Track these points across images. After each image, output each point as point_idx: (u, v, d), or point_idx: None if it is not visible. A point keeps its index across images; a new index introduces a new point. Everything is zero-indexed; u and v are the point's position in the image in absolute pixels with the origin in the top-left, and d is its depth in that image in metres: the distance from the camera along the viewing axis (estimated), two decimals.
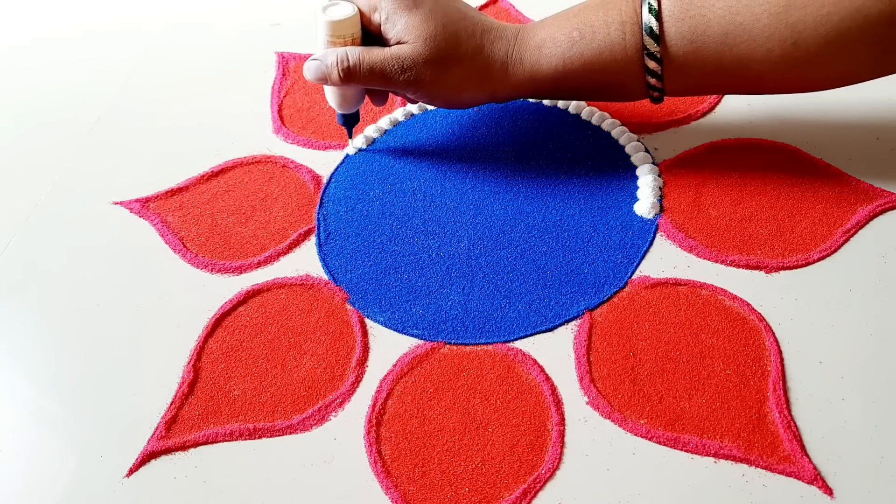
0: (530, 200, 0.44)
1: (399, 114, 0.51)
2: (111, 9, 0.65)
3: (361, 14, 0.41)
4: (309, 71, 0.41)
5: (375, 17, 0.41)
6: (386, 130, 0.50)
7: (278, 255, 0.43)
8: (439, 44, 0.39)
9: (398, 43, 0.40)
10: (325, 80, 0.41)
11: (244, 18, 0.62)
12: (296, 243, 0.43)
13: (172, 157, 0.50)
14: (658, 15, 0.37)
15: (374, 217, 0.44)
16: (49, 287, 0.43)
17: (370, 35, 0.42)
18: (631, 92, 0.41)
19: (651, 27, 0.37)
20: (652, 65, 0.38)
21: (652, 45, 0.37)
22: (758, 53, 0.36)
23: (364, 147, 0.49)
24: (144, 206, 0.46)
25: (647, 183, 0.43)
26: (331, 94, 0.44)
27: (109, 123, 0.53)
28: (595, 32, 0.39)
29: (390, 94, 0.47)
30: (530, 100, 0.49)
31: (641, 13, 0.38)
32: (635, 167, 0.45)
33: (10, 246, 0.45)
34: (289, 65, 0.56)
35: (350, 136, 0.47)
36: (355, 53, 0.40)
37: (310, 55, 0.56)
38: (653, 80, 0.39)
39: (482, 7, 0.59)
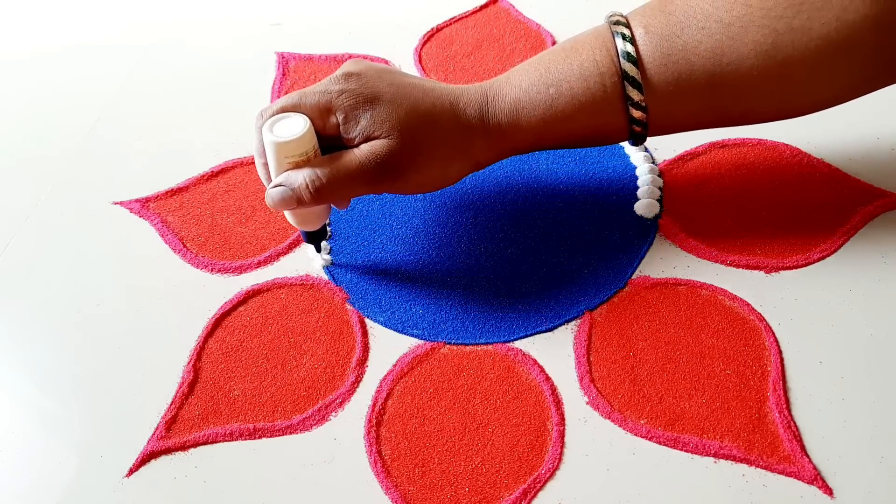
0: (530, 200, 0.44)
1: None
2: (112, 9, 0.65)
3: (312, 121, 0.36)
4: (274, 199, 0.36)
5: (331, 120, 0.36)
6: None
7: (278, 255, 0.43)
8: (414, 128, 0.35)
9: (366, 140, 0.35)
10: (293, 204, 0.36)
11: (244, 18, 0.62)
12: (296, 243, 0.43)
13: (172, 157, 0.50)
14: (637, 61, 0.35)
15: (374, 217, 0.44)
16: (49, 287, 0.43)
17: (324, 140, 0.36)
18: (613, 138, 0.38)
19: (632, 76, 0.35)
20: (637, 114, 0.36)
21: (635, 95, 0.35)
22: (746, 92, 0.35)
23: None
24: (144, 206, 0.46)
25: (646, 183, 0.43)
26: (292, 214, 0.38)
27: (109, 123, 0.53)
28: (572, 87, 0.36)
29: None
30: None
31: (619, 62, 0.35)
32: (635, 167, 0.45)
33: (10, 246, 0.45)
34: (289, 65, 0.56)
35: (318, 251, 0.42)
36: (325, 168, 0.35)
37: (310, 55, 0.57)
38: (637, 128, 0.36)
39: (482, 7, 0.59)
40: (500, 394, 0.35)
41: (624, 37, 0.35)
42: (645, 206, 0.42)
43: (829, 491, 0.31)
